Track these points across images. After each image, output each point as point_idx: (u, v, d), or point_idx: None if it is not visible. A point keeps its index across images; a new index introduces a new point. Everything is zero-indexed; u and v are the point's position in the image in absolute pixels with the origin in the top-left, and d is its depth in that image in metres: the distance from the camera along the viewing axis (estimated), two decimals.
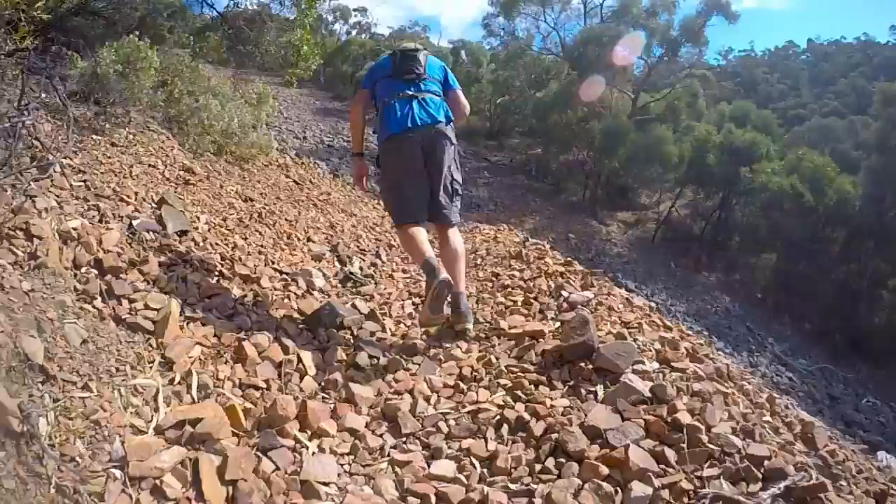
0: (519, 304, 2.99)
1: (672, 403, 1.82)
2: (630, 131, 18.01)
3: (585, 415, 1.84)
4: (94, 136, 4.00)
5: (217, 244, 3.39)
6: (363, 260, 4.44)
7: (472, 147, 21.72)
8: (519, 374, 2.18)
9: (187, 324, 2.35)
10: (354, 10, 32.69)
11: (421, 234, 2.81)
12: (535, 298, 3.00)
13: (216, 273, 2.96)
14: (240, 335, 2.39)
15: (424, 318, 2.68)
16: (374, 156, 3.15)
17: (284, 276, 3.41)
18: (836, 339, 16.91)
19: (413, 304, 3.42)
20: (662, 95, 21.89)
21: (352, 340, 2.69)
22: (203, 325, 2.39)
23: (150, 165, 4.16)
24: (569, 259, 3.89)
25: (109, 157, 3.84)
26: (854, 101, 45.76)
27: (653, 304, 3.73)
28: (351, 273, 3.95)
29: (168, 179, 4.17)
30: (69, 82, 4.32)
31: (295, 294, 3.16)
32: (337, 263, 4.21)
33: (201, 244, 3.25)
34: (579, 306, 2.73)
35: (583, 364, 2.12)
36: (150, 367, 2.03)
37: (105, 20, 5.67)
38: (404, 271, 4.28)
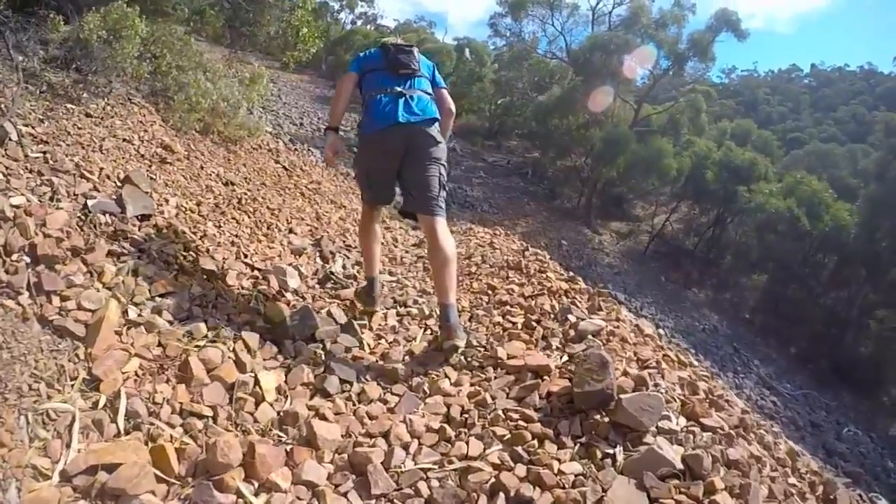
0: (519, 326, 2.64)
1: (710, 480, 1.48)
2: (630, 141, 17.75)
3: (603, 489, 1.48)
4: (69, 105, 3.70)
5: (183, 232, 3.00)
6: (347, 258, 4.07)
7: (469, 146, 21.40)
8: (520, 422, 1.82)
9: (128, 329, 1.96)
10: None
11: (378, 247, 3.07)
12: (538, 321, 2.64)
13: (175, 266, 2.57)
14: (189, 347, 2.01)
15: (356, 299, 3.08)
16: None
17: (256, 272, 3.04)
18: (822, 365, 16.84)
19: (398, 314, 3.08)
20: (665, 108, 21.72)
21: (323, 357, 2.32)
22: (147, 331, 2.00)
23: (124, 140, 3.84)
24: (573, 275, 3.55)
25: (80, 129, 3.54)
26: (854, 129, 46.01)
27: (661, 332, 3.41)
28: (332, 273, 3.59)
29: (142, 156, 3.83)
30: (50, 47, 3.96)
31: (264, 296, 2.78)
32: (318, 260, 3.86)
33: (164, 231, 2.86)
34: (590, 336, 2.37)
35: (598, 416, 1.77)
36: (72, 386, 1.66)
37: None
38: (391, 273, 3.92)
